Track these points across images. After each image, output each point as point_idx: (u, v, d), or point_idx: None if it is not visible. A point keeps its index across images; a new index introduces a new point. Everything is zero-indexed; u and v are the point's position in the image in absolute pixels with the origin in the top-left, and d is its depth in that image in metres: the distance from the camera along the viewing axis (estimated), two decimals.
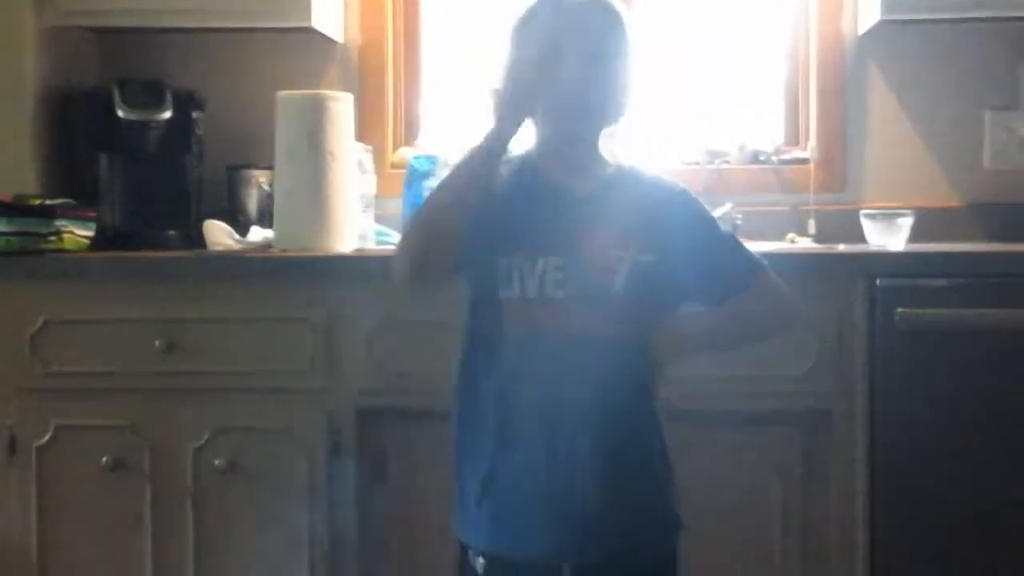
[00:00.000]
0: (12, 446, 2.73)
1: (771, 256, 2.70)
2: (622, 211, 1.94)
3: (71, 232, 2.83)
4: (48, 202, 2.82)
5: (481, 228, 1.88)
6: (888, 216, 2.87)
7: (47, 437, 2.73)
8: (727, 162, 3.34)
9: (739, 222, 3.15)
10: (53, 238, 2.78)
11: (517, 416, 1.90)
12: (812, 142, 3.33)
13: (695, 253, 1.95)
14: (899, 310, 2.59)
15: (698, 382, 2.55)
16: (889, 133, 3.32)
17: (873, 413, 2.62)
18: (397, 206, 3.10)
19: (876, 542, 2.63)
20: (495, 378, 1.92)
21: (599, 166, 2.00)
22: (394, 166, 3.34)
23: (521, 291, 1.90)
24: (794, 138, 3.40)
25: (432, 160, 3.08)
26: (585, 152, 1.99)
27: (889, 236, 2.86)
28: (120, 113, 3.04)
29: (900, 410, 2.61)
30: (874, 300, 2.61)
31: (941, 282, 2.62)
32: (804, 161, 3.33)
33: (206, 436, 2.71)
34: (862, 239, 2.93)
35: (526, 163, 2.00)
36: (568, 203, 1.94)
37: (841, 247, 2.92)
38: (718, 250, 1.99)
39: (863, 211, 2.93)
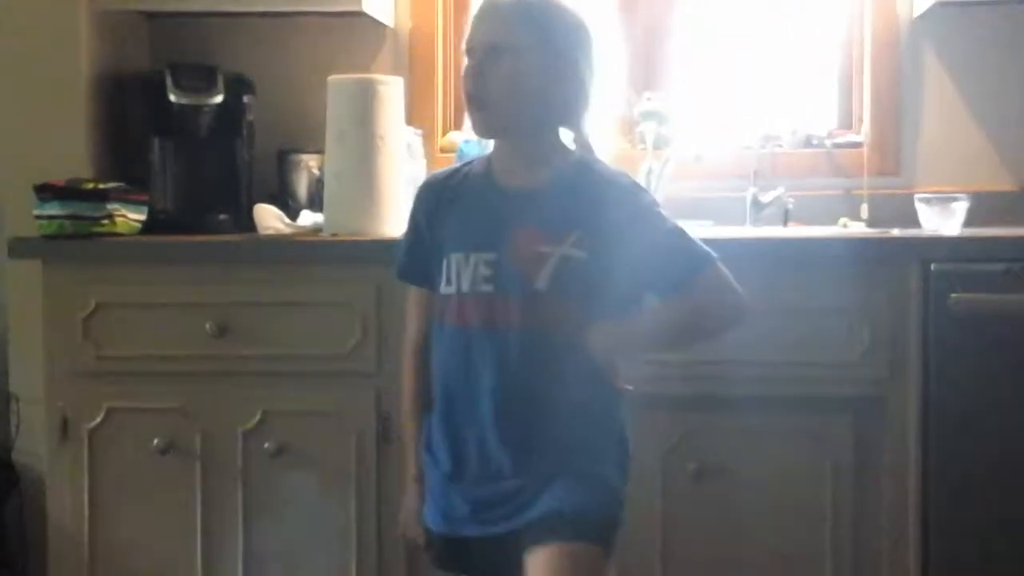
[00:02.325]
0: (64, 429, 2.75)
1: (823, 241, 2.74)
2: (559, 206, 1.95)
3: (123, 216, 2.84)
4: (101, 186, 2.84)
5: (435, 231, 2.03)
6: (943, 200, 2.83)
7: (99, 420, 2.75)
8: (780, 146, 3.30)
9: (791, 206, 3.12)
10: (105, 221, 2.79)
11: (452, 405, 2.00)
12: (866, 126, 3.30)
13: (636, 248, 1.93)
14: (953, 295, 2.55)
15: (751, 366, 2.54)
16: (944, 116, 3.27)
17: (926, 399, 2.59)
18: None
19: (928, 529, 2.60)
20: (438, 369, 2.04)
21: (547, 162, 2.00)
22: (443, 150, 3.34)
23: (457, 286, 1.97)
24: (848, 122, 3.36)
25: (481, 144, 3.07)
26: (526, 148, 2.01)
27: (944, 220, 2.82)
28: (172, 97, 3.06)
29: (954, 396, 2.58)
30: (928, 285, 2.57)
31: (996, 266, 2.58)
32: (857, 145, 3.29)
33: (256, 419, 2.72)
34: (915, 223, 2.89)
35: (485, 162, 2.07)
36: (507, 199, 1.99)
37: (895, 231, 2.88)
38: (660, 244, 1.95)
39: (917, 195, 2.89)
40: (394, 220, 2.82)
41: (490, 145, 2.08)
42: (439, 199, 2.06)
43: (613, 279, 1.94)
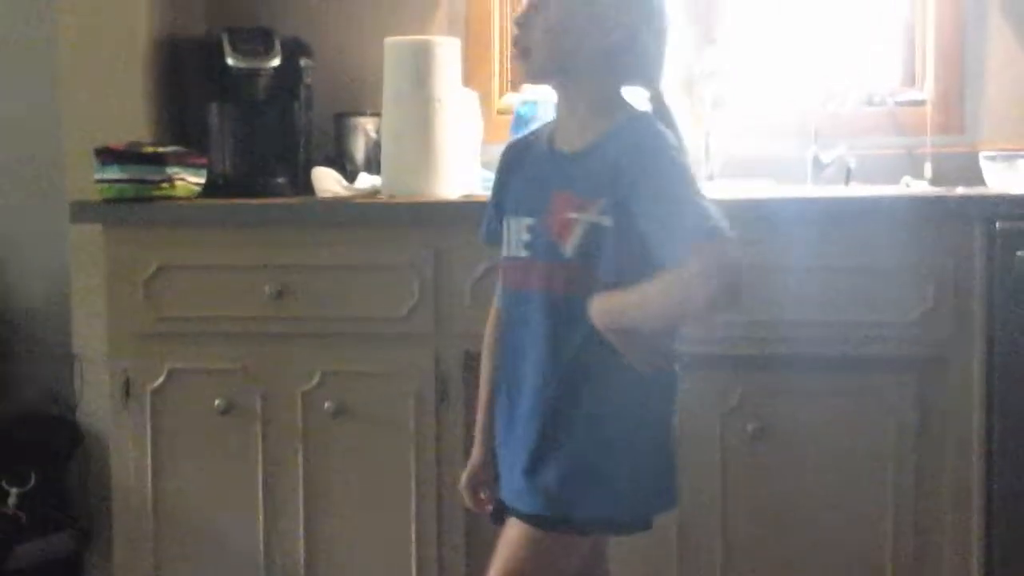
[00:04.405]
0: (127, 389, 2.78)
1: (886, 199, 2.70)
2: (595, 171, 1.88)
3: (183, 179, 2.86)
4: (160, 150, 2.86)
5: (503, 194, 2.04)
6: (1008, 158, 2.79)
7: (161, 380, 2.78)
8: (842, 104, 3.25)
9: (852, 166, 3.08)
10: (165, 185, 2.81)
11: (503, 366, 2.02)
12: (929, 83, 3.24)
13: (640, 214, 1.82)
14: (1019, 253, 2.51)
15: (813, 327, 2.52)
16: (1009, 73, 3.21)
17: (991, 359, 2.55)
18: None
19: (993, 493, 2.57)
20: (503, 329, 2.04)
21: (592, 125, 1.92)
22: (500, 112, 3.33)
23: (506, 250, 1.99)
24: (910, 79, 3.31)
25: (539, 105, 3.05)
26: (579, 107, 1.94)
27: (1009, 178, 2.77)
28: (229, 61, 3.06)
29: (1019, 356, 2.54)
30: (993, 243, 2.53)
31: None
32: (920, 103, 3.24)
33: (316, 380, 2.74)
34: (980, 182, 2.85)
35: (551, 123, 2.04)
36: (553, 163, 1.96)
37: (959, 190, 2.84)
38: (658, 214, 1.82)
39: (982, 153, 2.85)
40: (451, 182, 2.82)
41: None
42: (510, 163, 2.05)
43: (632, 248, 1.84)
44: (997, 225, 2.52)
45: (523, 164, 2.02)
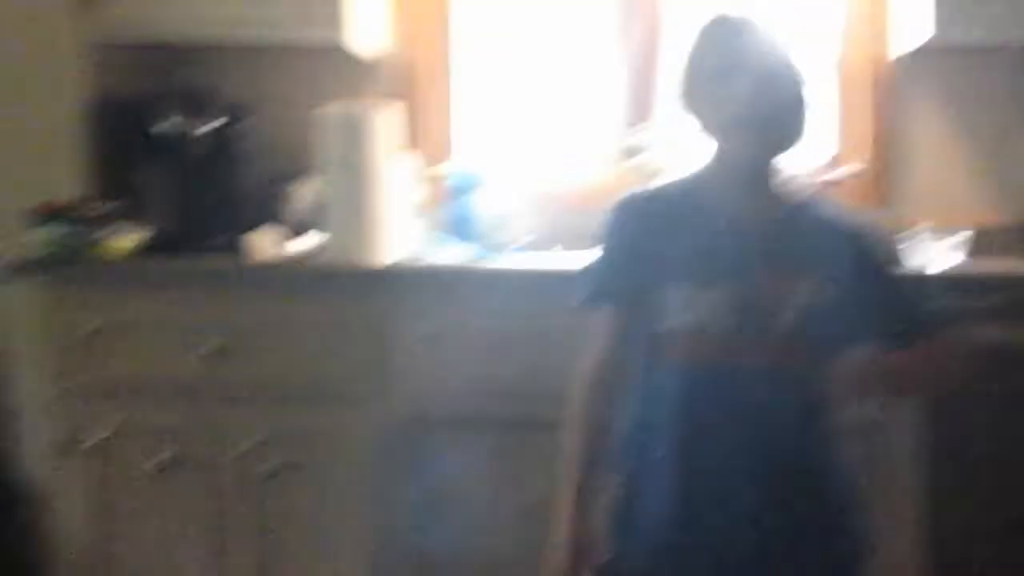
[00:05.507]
0: (67, 447, 2.77)
1: None
2: (799, 245, 1.89)
3: (116, 239, 2.86)
4: (94, 210, 2.86)
5: (646, 255, 1.89)
6: (936, 234, 2.87)
7: (101, 438, 2.76)
8: None
9: None
10: (101, 244, 2.81)
11: (680, 446, 1.86)
12: (862, 160, 3.32)
13: (872, 296, 1.89)
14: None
15: None
16: (939, 151, 3.31)
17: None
18: (440, 217, 3.12)
19: None
20: (654, 410, 1.89)
21: (776, 193, 1.92)
22: (438, 177, 3.35)
23: (688, 322, 1.85)
24: (844, 155, 3.37)
25: (475, 172, 3.10)
26: (761, 176, 1.91)
27: (938, 254, 2.85)
28: (167, 123, 3.07)
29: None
30: None
31: (991, 300, 2.62)
32: (854, 178, 3.30)
33: (258, 438, 2.74)
34: (912, 257, 2.90)
35: (697, 184, 1.95)
36: (742, 231, 1.89)
37: None
38: (897, 294, 1.93)
39: (910, 230, 2.92)
40: (389, 245, 2.83)
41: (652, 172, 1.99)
42: (651, 222, 1.93)
43: (847, 324, 1.87)
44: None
45: (677, 226, 1.91)
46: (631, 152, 3.26)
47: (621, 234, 1.95)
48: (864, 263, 1.91)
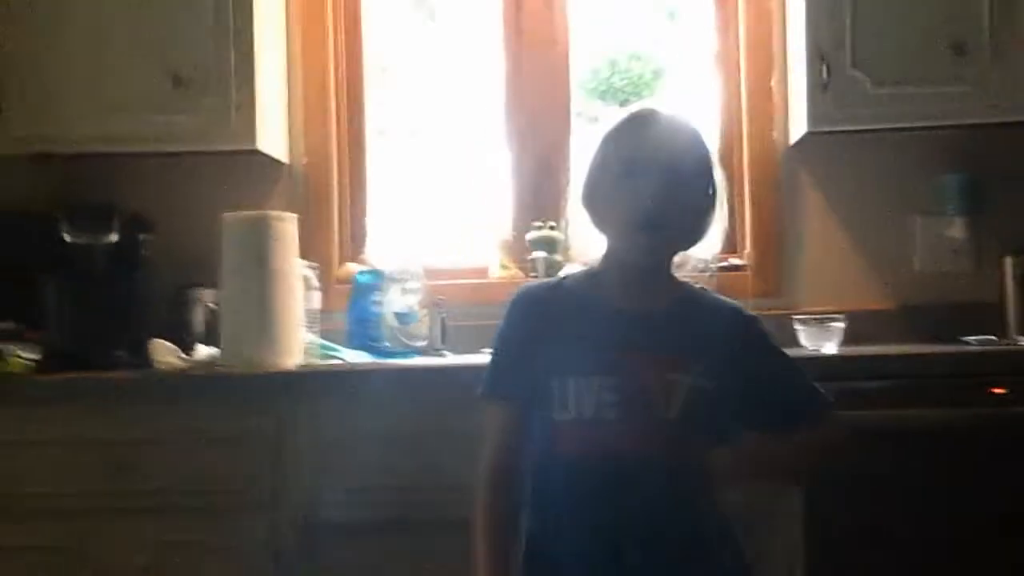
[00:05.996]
0: None
1: None
2: (684, 333, 1.93)
3: (16, 355, 2.86)
4: None
5: (538, 348, 1.93)
6: (820, 321, 2.95)
7: None
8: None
9: None
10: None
11: (569, 534, 1.89)
12: (748, 249, 3.41)
13: (758, 381, 1.95)
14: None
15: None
16: (821, 239, 3.42)
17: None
18: (342, 320, 3.16)
19: None
20: (545, 499, 1.92)
21: (665, 287, 1.99)
22: (339, 281, 3.39)
23: (577, 412, 1.88)
24: (731, 246, 3.46)
25: (377, 275, 3.14)
26: (652, 271, 1.97)
27: (822, 340, 2.92)
28: (67, 236, 3.07)
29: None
30: None
31: (874, 384, 2.69)
32: (741, 268, 3.40)
33: (152, 552, 2.71)
34: (797, 344, 2.98)
35: (590, 278, 2.01)
36: (629, 322, 1.93)
37: None
38: (782, 379, 2.00)
39: (795, 317, 3.00)
40: (290, 352, 2.86)
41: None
42: (544, 315, 1.97)
43: (734, 410, 1.93)
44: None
45: (568, 319, 1.95)
46: (532, 247, 3.34)
47: (516, 328, 1.99)
48: (749, 350, 1.97)
